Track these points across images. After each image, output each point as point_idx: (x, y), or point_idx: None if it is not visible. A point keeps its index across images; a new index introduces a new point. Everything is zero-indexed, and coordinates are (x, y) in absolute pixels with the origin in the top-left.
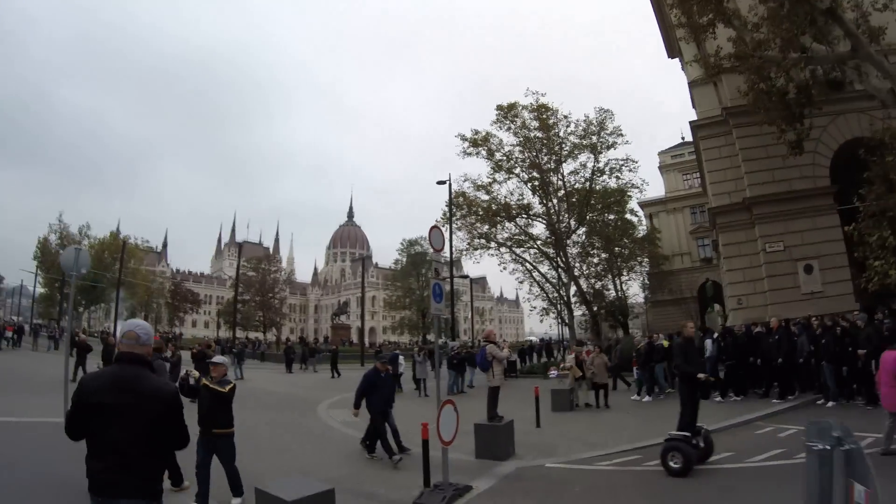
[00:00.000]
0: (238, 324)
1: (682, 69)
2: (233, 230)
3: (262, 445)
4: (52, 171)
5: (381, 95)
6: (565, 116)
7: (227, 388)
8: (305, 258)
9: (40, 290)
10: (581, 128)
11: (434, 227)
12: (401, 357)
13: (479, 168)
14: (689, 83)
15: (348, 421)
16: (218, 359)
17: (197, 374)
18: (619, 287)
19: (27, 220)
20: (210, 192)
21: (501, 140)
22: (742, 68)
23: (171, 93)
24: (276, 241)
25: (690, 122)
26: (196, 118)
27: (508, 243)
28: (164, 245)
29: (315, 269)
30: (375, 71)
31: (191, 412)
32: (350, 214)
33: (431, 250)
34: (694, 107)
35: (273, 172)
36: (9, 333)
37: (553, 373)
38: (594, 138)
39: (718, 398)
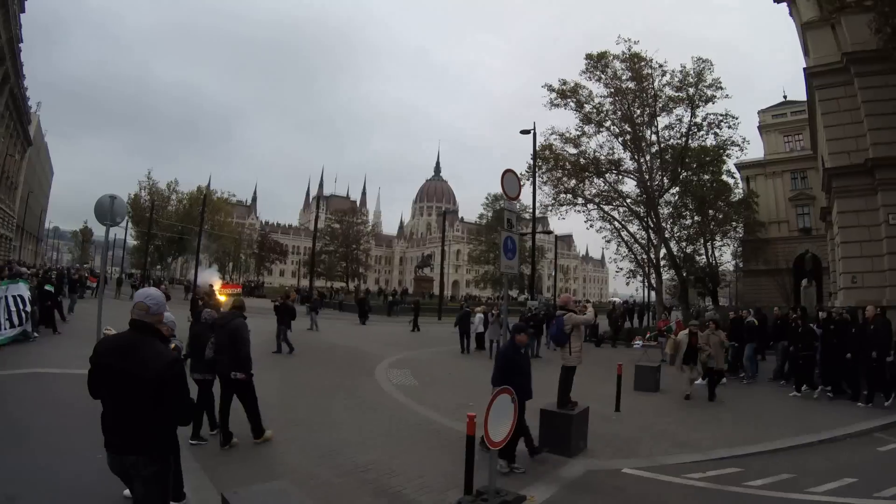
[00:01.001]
0: (321, 273)
1: (791, 14)
2: (321, 184)
3: (298, 414)
4: (151, 137)
5: (466, 53)
6: (660, 65)
7: None
8: (393, 213)
9: (132, 242)
10: (677, 79)
11: (507, 172)
12: (479, 314)
13: (566, 122)
14: (801, 26)
15: (405, 384)
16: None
17: (181, 344)
18: (710, 253)
19: (128, 180)
20: (300, 149)
21: (591, 92)
22: (870, 3)
23: (261, 58)
24: (363, 195)
25: (805, 69)
26: (286, 80)
27: (597, 199)
28: (254, 199)
29: (401, 222)
30: (460, 28)
31: None
32: (437, 169)
33: (504, 200)
34: (806, 54)
35: (361, 130)
36: (91, 283)
37: (638, 343)
38: (691, 90)
39: (795, 392)
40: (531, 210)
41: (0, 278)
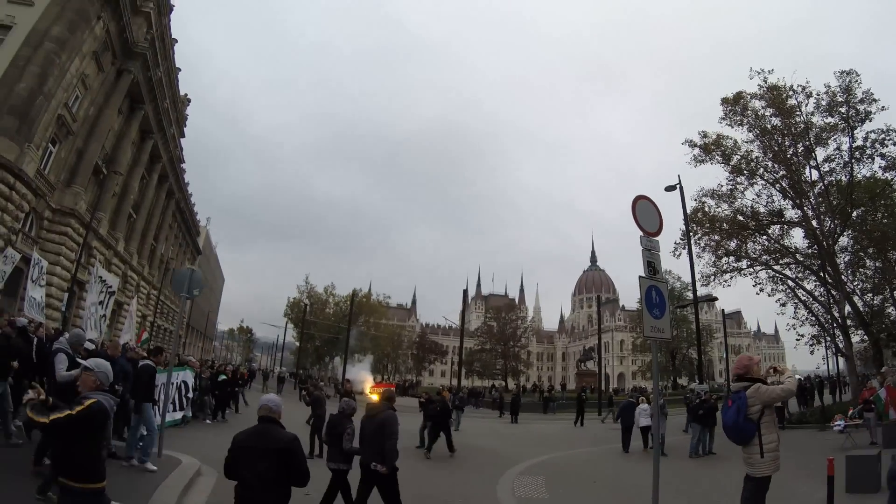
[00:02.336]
0: (477, 372)
1: None
2: (478, 284)
3: None
4: (313, 252)
5: (594, 131)
6: (803, 88)
7: (61, 413)
8: (553, 308)
9: (294, 342)
10: (825, 101)
11: (640, 199)
12: (643, 405)
13: (710, 180)
14: None
15: (530, 497)
16: (90, 362)
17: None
18: None
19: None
20: (456, 251)
21: (736, 141)
22: None
23: (410, 174)
24: (521, 291)
25: None
26: (436, 186)
27: (764, 257)
28: (414, 302)
29: (561, 316)
30: (584, 108)
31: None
32: (593, 259)
33: (640, 234)
34: None
35: (511, 228)
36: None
37: (839, 423)
38: (843, 109)
39: None
40: (691, 285)
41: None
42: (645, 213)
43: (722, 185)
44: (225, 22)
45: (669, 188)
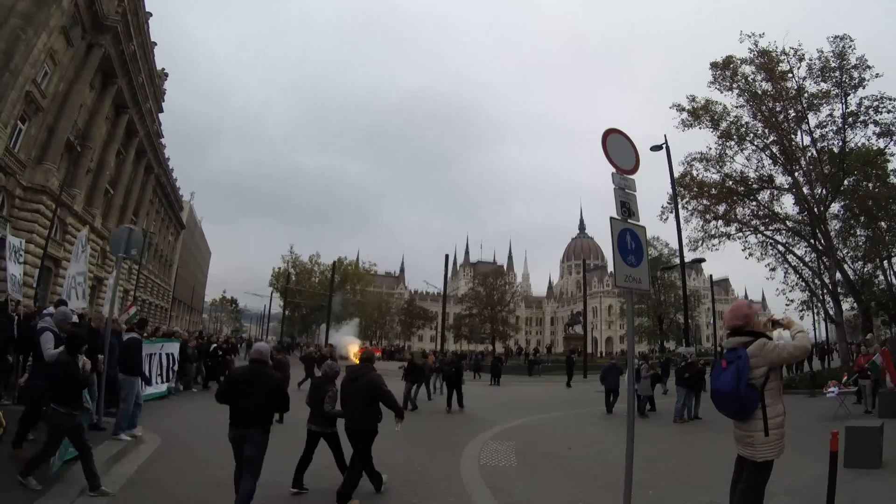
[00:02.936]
0: (464, 336)
1: None
2: (466, 252)
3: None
4: (299, 223)
5: (589, 110)
6: (795, 51)
7: None
8: (542, 275)
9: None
10: (817, 67)
11: (611, 132)
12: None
13: (698, 145)
14: None
15: (496, 466)
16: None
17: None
18: (890, 273)
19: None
20: (443, 222)
21: (725, 106)
22: None
23: (395, 144)
24: (510, 259)
25: None
26: (420, 159)
27: (754, 221)
28: (402, 270)
29: (549, 282)
30: (580, 89)
31: None
32: (581, 227)
33: (612, 171)
34: None
35: (501, 198)
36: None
37: (832, 390)
38: (836, 75)
39: None
40: (678, 251)
41: (155, 336)
42: (618, 147)
43: (711, 149)
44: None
45: (655, 148)
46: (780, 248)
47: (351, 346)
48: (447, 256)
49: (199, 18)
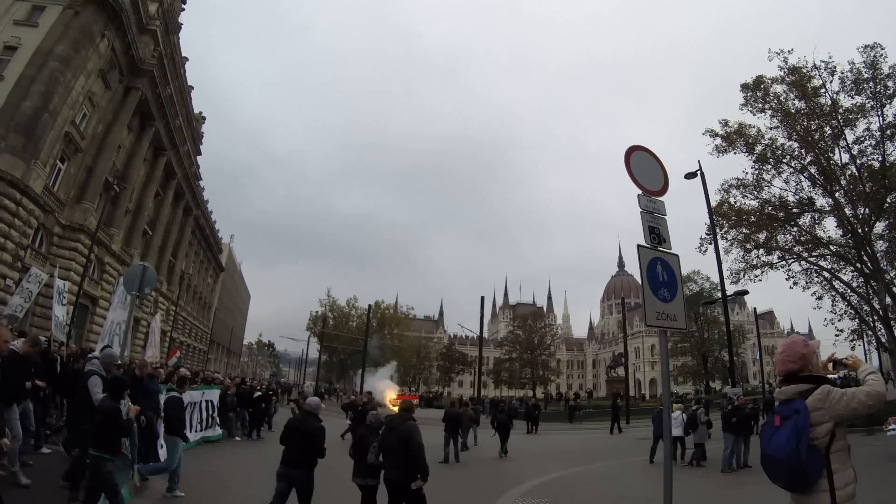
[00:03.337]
0: (504, 381)
1: None
2: (505, 294)
3: None
4: (336, 264)
5: (619, 136)
6: (826, 64)
7: None
8: (581, 315)
9: (316, 356)
10: (850, 79)
11: (636, 149)
12: (675, 412)
13: (733, 171)
14: None
15: None
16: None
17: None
18: None
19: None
20: (481, 261)
21: (759, 129)
22: None
23: (432, 183)
24: (549, 299)
25: None
26: (454, 198)
27: (797, 248)
28: (441, 314)
29: (590, 323)
30: (607, 116)
31: None
32: (620, 264)
33: (639, 193)
34: None
35: (538, 233)
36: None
37: (893, 427)
38: (870, 86)
39: None
40: (718, 270)
41: (194, 382)
42: (643, 166)
43: (747, 174)
44: (246, 41)
45: (689, 175)
46: (826, 274)
47: (388, 393)
48: (482, 299)
49: (238, 62)
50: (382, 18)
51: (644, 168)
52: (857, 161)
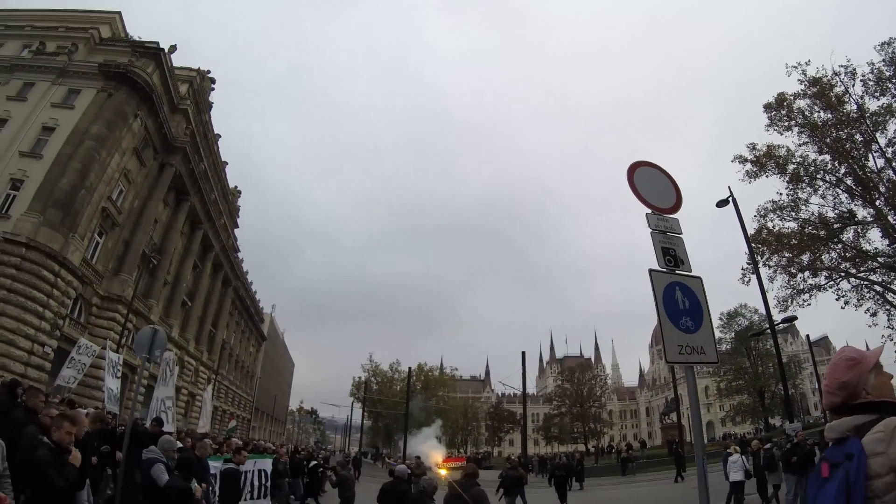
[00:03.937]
0: (554, 437)
1: None
2: (551, 347)
3: None
4: (380, 327)
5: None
6: (845, 68)
7: None
8: (631, 362)
9: (366, 422)
10: (871, 80)
11: (640, 164)
12: (733, 456)
13: (765, 195)
14: None
15: None
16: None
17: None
18: None
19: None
20: (525, 314)
21: (788, 148)
22: None
23: (473, 241)
24: (596, 349)
25: None
26: (494, 255)
27: (844, 265)
28: (487, 373)
29: (640, 370)
30: (636, 152)
31: None
32: None
33: (647, 212)
34: None
35: (581, 281)
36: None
37: None
38: (893, 84)
39: None
40: (763, 301)
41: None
42: (649, 182)
43: (782, 195)
44: (283, 115)
45: (721, 203)
46: (878, 287)
47: (433, 455)
48: (524, 354)
49: (273, 134)
50: (409, 85)
51: (651, 184)
52: (893, 164)
